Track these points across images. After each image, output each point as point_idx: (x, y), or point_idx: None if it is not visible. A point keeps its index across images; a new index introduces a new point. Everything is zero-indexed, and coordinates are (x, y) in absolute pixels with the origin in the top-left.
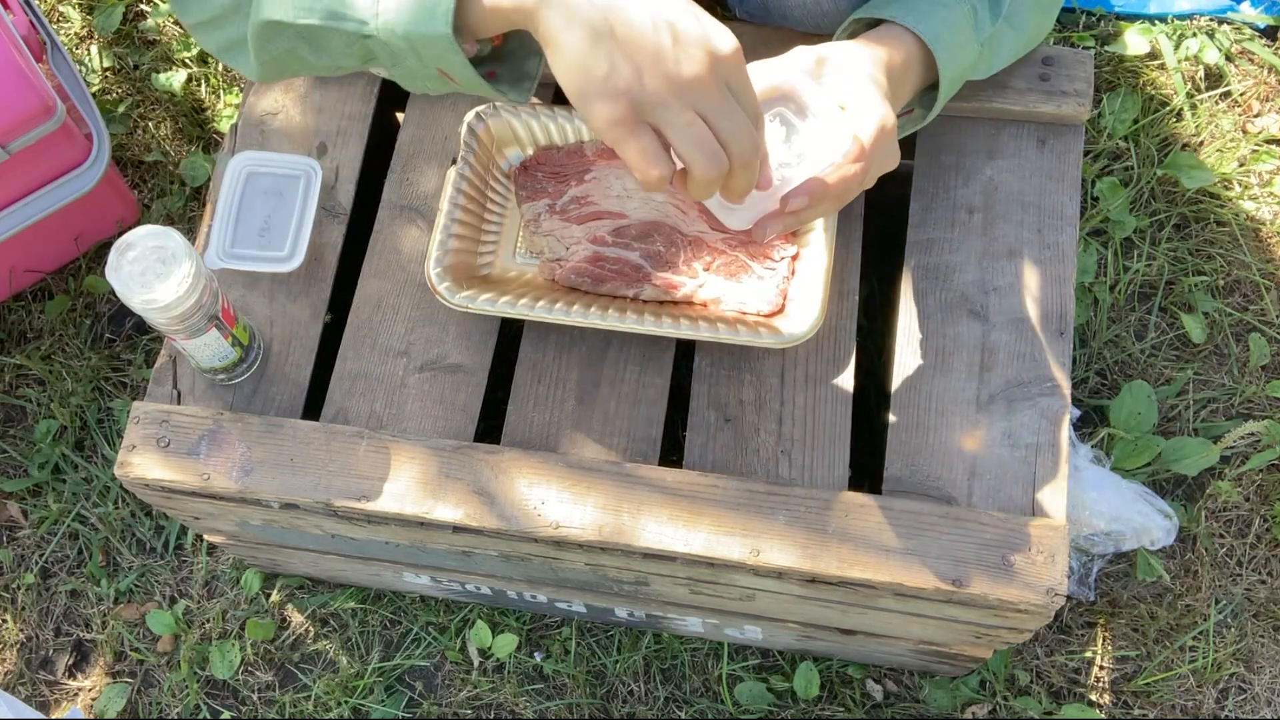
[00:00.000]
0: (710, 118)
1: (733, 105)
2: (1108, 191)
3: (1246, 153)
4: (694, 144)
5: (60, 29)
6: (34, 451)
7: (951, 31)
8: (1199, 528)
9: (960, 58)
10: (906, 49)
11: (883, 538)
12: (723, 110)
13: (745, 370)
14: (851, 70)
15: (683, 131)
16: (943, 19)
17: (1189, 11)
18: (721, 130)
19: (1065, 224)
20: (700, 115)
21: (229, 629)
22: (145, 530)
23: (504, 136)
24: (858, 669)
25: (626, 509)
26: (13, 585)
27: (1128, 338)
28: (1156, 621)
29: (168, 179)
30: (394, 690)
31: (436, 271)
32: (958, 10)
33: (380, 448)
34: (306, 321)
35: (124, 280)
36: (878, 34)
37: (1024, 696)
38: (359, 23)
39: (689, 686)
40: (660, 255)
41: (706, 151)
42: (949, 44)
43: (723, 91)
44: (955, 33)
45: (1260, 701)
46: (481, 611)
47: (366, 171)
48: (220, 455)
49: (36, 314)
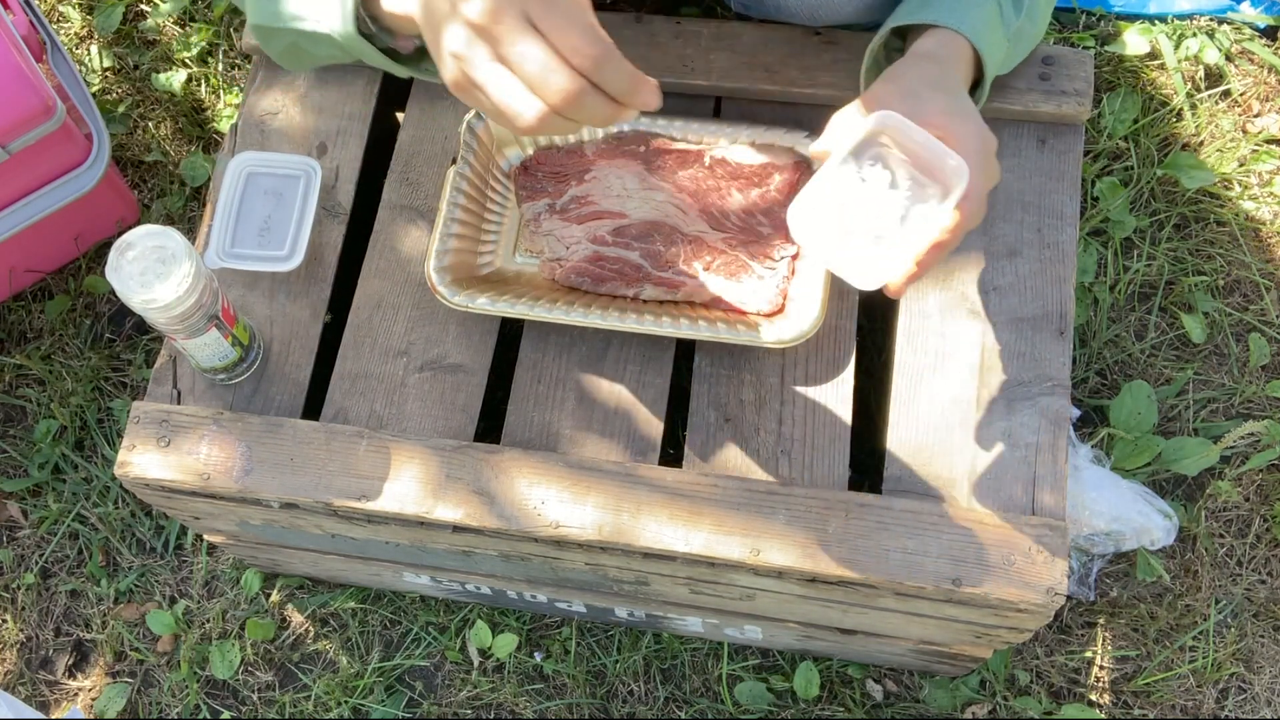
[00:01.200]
0: (511, 63)
1: (528, 44)
2: (1108, 191)
3: (1246, 153)
4: (498, 98)
5: (60, 29)
6: (34, 451)
7: (988, 29)
8: (1199, 528)
9: (996, 55)
10: (959, 53)
11: (883, 538)
12: (517, 53)
13: (745, 370)
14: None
15: (486, 85)
16: (980, 17)
17: (1189, 11)
18: (522, 77)
19: (1065, 224)
20: (503, 61)
21: (229, 629)
22: (145, 530)
23: (504, 136)
24: (858, 669)
25: (626, 509)
26: (13, 585)
27: (1128, 338)
28: (1156, 621)
29: (168, 179)
30: (394, 690)
31: (436, 271)
32: (989, 7)
33: (380, 448)
34: (306, 321)
35: (124, 280)
36: (931, 44)
37: (1024, 696)
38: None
39: (689, 686)
40: (660, 255)
41: (511, 102)
42: (988, 41)
43: (516, 31)
44: (991, 30)
45: (1260, 701)
46: (481, 611)
47: (366, 171)
48: (220, 455)
49: (36, 314)
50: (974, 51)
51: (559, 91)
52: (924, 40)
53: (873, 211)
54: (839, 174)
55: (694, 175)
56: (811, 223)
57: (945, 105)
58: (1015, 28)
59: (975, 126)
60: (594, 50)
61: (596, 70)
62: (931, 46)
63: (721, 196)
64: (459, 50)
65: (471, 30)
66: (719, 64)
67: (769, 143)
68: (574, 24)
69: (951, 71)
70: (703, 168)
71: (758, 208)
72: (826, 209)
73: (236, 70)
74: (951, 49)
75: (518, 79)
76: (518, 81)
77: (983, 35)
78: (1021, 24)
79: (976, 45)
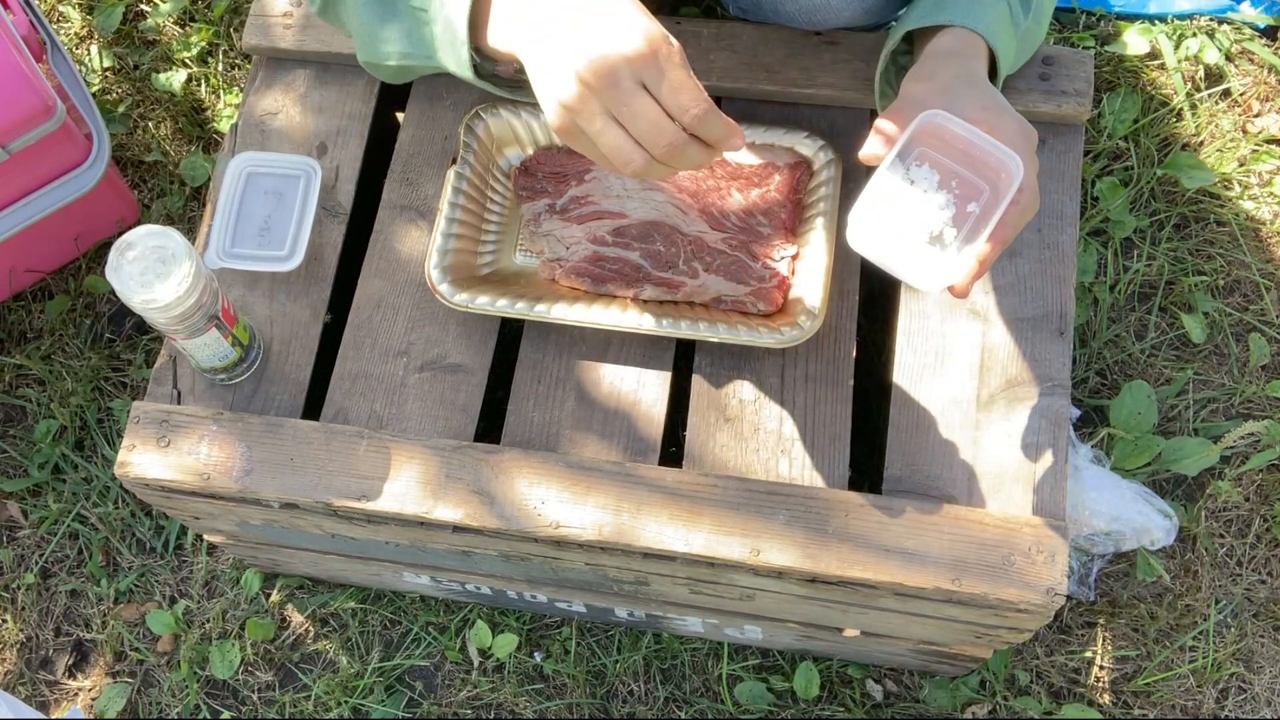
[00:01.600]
0: (623, 120)
1: (640, 104)
2: (1108, 191)
3: (1246, 153)
4: (607, 149)
5: (60, 29)
6: (34, 451)
7: (1001, 29)
8: (1199, 528)
9: (1008, 55)
10: (978, 50)
11: (883, 538)
12: (630, 112)
13: (745, 370)
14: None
15: (598, 138)
16: (993, 17)
17: (1189, 11)
18: (634, 132)
19: (1065, 224)
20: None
21: (229, 629)
22: (145, 530)
23: (504, 136)
24: (858, 669)
25: (626, 509)
26: (13, 585)
27: (1128, 338)
28: (1156, 621)
29: (168, 179)
30: (394, 690)
31: (436, 271)
32: (1000, 8)
33: (380, 448)
34: (306, 321)
35: (124, 280)
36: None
37: (1024, 696)
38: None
39: (689, 686)
40: (660, 255)
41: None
42: (1002, 41)
43: (630, 94)
44: (1003, 30)
45: (1260, 701)
46: (481, 611)
47: (366, 171)
48: (220, 455)
49: (36, 314)
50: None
51: (665, 147)
52: (941, 39)
53: (925, 212)
54: (888, 179)
55: (694, 175)
56: (869, 230)
57: (983, 101)
58: (1024, 28)
59: (1015, 119)
60: (699, 109)
61: (699, 125)
62: (950, 44)
63: (721, 196)
64: (572, 104)
65: (586, 88)
66: (719, 64)
67: (769, 143)
68: (683, 87)
69: (978, 68)
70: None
71: (758, 208)
72: (881, 215)
73: (236, 70)
74: (971, 47)
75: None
76: (627, 136)
77: (997, 35)
78: (1029, 24)
79: (992, 45)
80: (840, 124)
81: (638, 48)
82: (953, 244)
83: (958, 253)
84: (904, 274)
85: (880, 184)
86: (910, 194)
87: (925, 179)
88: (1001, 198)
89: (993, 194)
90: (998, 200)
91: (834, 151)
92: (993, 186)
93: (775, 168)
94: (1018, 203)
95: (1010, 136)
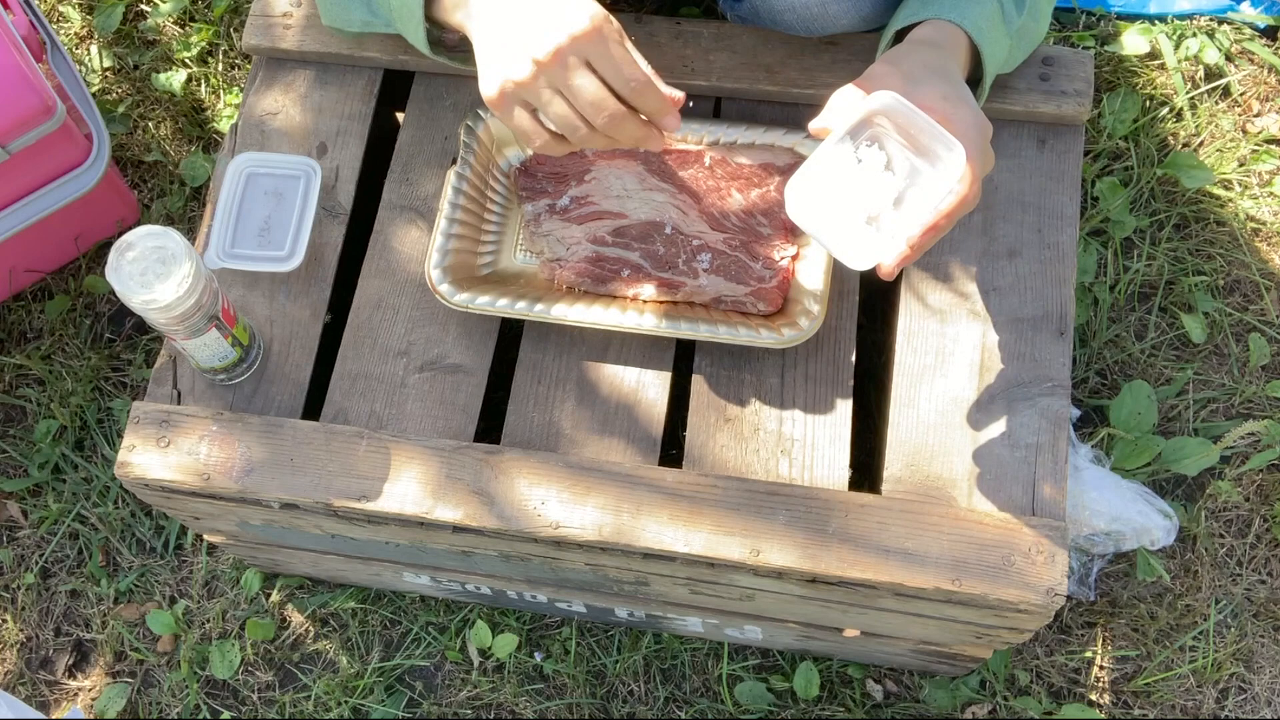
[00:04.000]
0: (567, 94)
1: (584, 79)
2: (1108, 191)
3: (1246, 153)
4: (553, 119)
5: (60, 29)
6: (34, 451)
7: (990, 26)
8: (1199, 528)
9: (997, 52)
10: (957, 43)
11: (883, 538)
12: (575, 86)
13: (745, 370)
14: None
15: (544, 109)
16: (980, 13)
17: (1189, 11)
18: (577, 105)
19: (1065, 224)
20: (558, 91)
21: (229, 629)
22: (145, 530)
23: (504, 136)
24: (858, 669)
25: (626, 509)
26: (13, 585)
27: (1128, 338)
28: (1156, 621)
29: (168, 179)
30: (394, 690)
31: (436, 271)
32: (989, 5)
33: (380, 448)
34: (306, 321)
35: (124, 280)
36: (928, 31)
37: (1024, 696)
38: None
39: (689, 686)
40: (660, 255)
41: (564, 124)
42: (989, 38)
43: (576, 69)
44: (992, 28)
45: (1260, 701)
46: (481, 611)
47: (366, 171)
48: (220, 455)
49: (36, 314)
50: (972, 46)
51: (605, 118)
52: (922, 28)
53: (867, 192)
54: (835, 153)
55: (694, 175)
56: (807, 200)
57: (943, 91)
58: (1018, 26)
59: (972, 112)
60: (637, 82)
61: (637, 96)
62: (929, 34)
63: (721, 197)
64: (523, 80)
65: (538, 67)
66: (719, 64)
67: (769, 143)
68: (623, 62)
69: (950, 59)
70: (703, 168)
71: (758, 208)
72: (822, 187)
73: (236, 70)
74: (949, 39)
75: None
76: (571, 108)
77: (983, 32)
78: (1024, 22)
79: (976, 41)
80: None
81: (584, 27)
82: (888, 226)
83: (891, 235)
84: (835, 248)
85: (825, 157)
86: (854, 172)
87: (872, 159)
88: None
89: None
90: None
91: None
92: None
93: (775, 168)
94: (959, 193)
95: (964, 128)
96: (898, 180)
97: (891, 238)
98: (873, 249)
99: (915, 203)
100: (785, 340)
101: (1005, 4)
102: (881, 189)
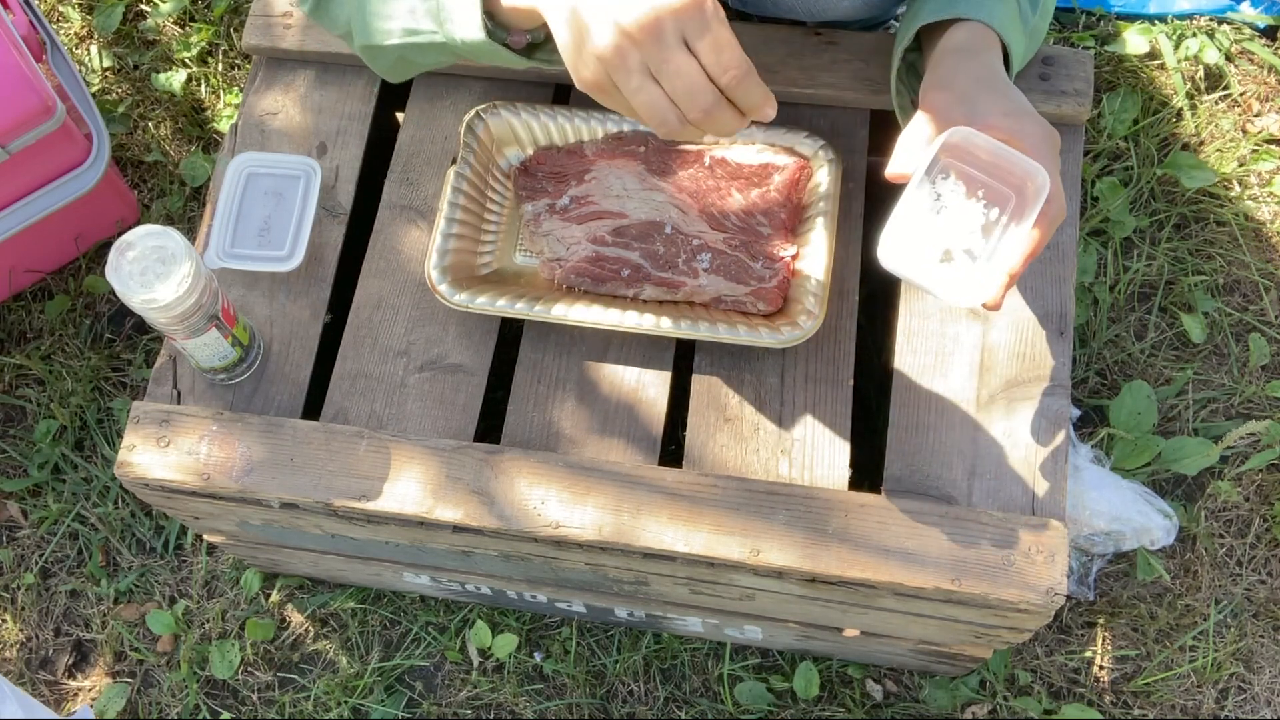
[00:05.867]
0: (660, 78)
1: (681, 61)
2: (1108, 191)
3: (1246, 153)
4: (642, 107)
5: (60, 29)
6: (34, 451)
7: (1012, 25)
8: (1199, 528)
9: (1018, 52)
10: (991, 45)
11: (883, 538)
12: (669, 69)
13: (745, 370)
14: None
15: (633, 96)
16: (1004, 13)
17: (1189, 11)
18: (670, 90)
19: (1065, 224)
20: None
21: (229, 629)
22: (145, 530)
23: (504, 136)
24: (858, 669)
25: (626, 509)
26: (13, 585)
27: (1128, 338)
28: (1156, 621)
29: (168, 179)
30: (394, 690)
31: (436, 271)
32: (1010, 4)
33: (380, 448)
34: (306, 321)
35: (124, 280)
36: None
37: (1024, 696)
38: (431, 33)
39: (689, 686)
40: (660, 255)
41: (655, 114)
42: (1012, 37)
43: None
44: (1014, 26)
45: (1260, 701)
46: (481, 611)
47: (366, 171)
48: (220, 455)
49: (36, 314)
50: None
51: (701, 110)
52: (953, 35)
53: (955, 228)
54: (916, 196)
55: (694, 175)
56: (901, 251)
57: (1003, 106)
58: (1032, 25)
59: (1037, 124)
60: (739, 71)
61: (737, 87)
62: (964, 39)
63: (721, 196)
64: (609, 57)
65: (627, 39)
66: None
67: (769, 143)
68: (726, 45)
69: (994, 65)
70: (703, 168)
71: (758, 208)
72: (912, 234)
73: (236, 70)
74: (983, 42)
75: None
76: (663, 94)
77: (1008, 30)
78: (1036, 22)
79: (1006, 42)
80: (840, 124)
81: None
82: (983, 256)
83: (988, 263)
84: (939, 291)
85: (909, 202)
86: (939, 209)
87: (952, 191)
88: (1029, 208)
89: (1019, 201)
90: (1024, 210)
91: (834, 151)
92: (1018, 192)
93: (775, 168)
94: (1046, 213)
95: (1034, 143)
96: (978, 206)
97: (991, 269)
98: (975, 284)
99: (1006, 230)
100: (785, 340)
101: (1023, 3)
102: (967, 220)
